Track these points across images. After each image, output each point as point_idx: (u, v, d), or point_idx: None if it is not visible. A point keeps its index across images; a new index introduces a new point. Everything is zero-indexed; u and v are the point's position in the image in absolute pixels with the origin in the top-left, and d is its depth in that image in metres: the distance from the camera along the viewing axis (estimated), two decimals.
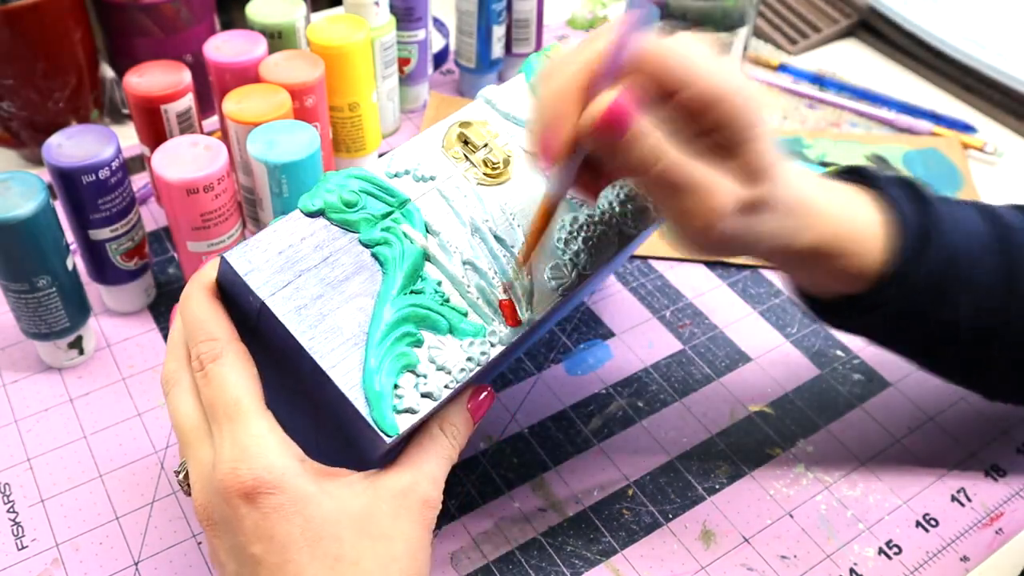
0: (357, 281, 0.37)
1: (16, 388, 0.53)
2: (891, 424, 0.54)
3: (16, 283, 0.49)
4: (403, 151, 0.41)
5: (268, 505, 0.33)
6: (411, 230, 0.38)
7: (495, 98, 0.43)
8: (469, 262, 0.39)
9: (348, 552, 0.33)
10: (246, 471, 0.33)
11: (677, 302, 0.61)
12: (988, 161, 0.76)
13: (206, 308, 0.37)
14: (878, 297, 0.42)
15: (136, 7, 0.66)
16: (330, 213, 0.37)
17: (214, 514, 0.35)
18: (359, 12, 0.66)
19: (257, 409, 0.35)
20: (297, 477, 0.34)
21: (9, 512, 0.47)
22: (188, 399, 0.36)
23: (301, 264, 0.36)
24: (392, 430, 0.35)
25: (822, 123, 0.79)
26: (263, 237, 0.36)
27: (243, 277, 0.35)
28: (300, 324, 0.35)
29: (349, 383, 0.35)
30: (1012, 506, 0.50)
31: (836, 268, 0.42)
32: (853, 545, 0.48)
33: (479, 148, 0.42)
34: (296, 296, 0.35)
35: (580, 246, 0.41)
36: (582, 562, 0.46)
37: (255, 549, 0.33)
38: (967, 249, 0.43)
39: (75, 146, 0.50)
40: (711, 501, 0.49)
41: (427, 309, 0.37)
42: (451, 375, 0.36)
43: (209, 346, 0.36)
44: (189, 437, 0.36)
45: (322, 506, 0.34)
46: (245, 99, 0.55)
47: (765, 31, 0.89)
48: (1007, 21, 0.84)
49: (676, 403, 0.54)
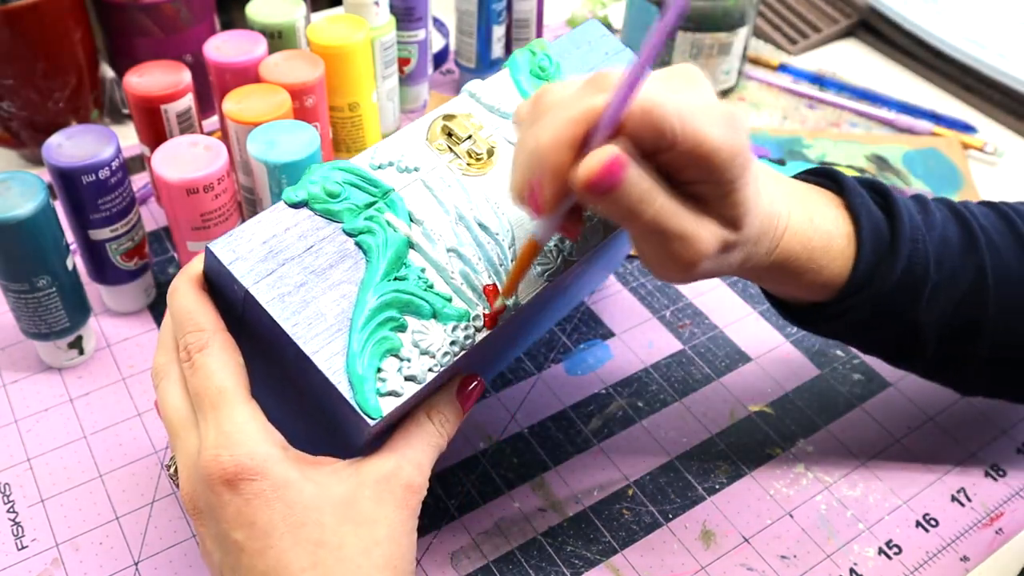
0: (341, 269, 0.37)
1: (16, 388, 0.53)
2: (891, 424, 0.54)
3: (16, 283, 0.49)
4: (387, 143, 0.41)
5: (250, 491, 0.33)
6: (394, 219, 0.38)
7: (479, 92, 0.44)
8: (453, 249, 0.39)
9: (330, 537, 0.34)
10: (228, 457, 0.33)
11: (677, 302, 0.61)
12: (988, 161, 0.76)
13: (192, 299, 0.37)
14: (842, 306, 0.43)
15: (136, 7, 0.66)
16: (313, 203, 0.38)
17: (199, 502, 0.35)
18: (359, 12, 0.66)
19: (241, 397, 0.35)
20: (279, 463, 0.34)
21: (9, 512, 0.47)
22: (176, 390, 0.37)
23: (285, 253, 0.36)
24: (375, 412, 0.35)
25: (822, 123, 0.79)
26: (247, 227, 0.37)
27: (227, 266, 0.36)
28: (283, 311, 0.35)
29: (332, 367, 0.35)
30: (1012, 506, 0.50)
31: (803, 281, 0.42)
32: (853, 545, 0.48)
33: (463, 140, 0.42)
34: (279, 284, 0.36)
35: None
36: (582, 562, 0.46)
37: (237, 535, 0.33)
38: (935, 254, 0.43)
39: (75, 146, 0.50)
40: (711, 501, 0.49)
41: (410, 294, 0.37)
42: (435, 359, 0.37)
43: (196, 336, 0.36)
44: (177, 428, 0.36)
45: (304, 492, 0.34)
46: (245, 99, 0.55)
47: (765, 31, 0.89)
48: (1007, 21, 0.84)
49: (676, 403, 0.54)
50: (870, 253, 0.42)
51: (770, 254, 0.40)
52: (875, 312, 0.43)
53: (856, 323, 0.44)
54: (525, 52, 0.45)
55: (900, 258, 0.42)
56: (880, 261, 0.42)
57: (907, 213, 0.43)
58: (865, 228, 0.42)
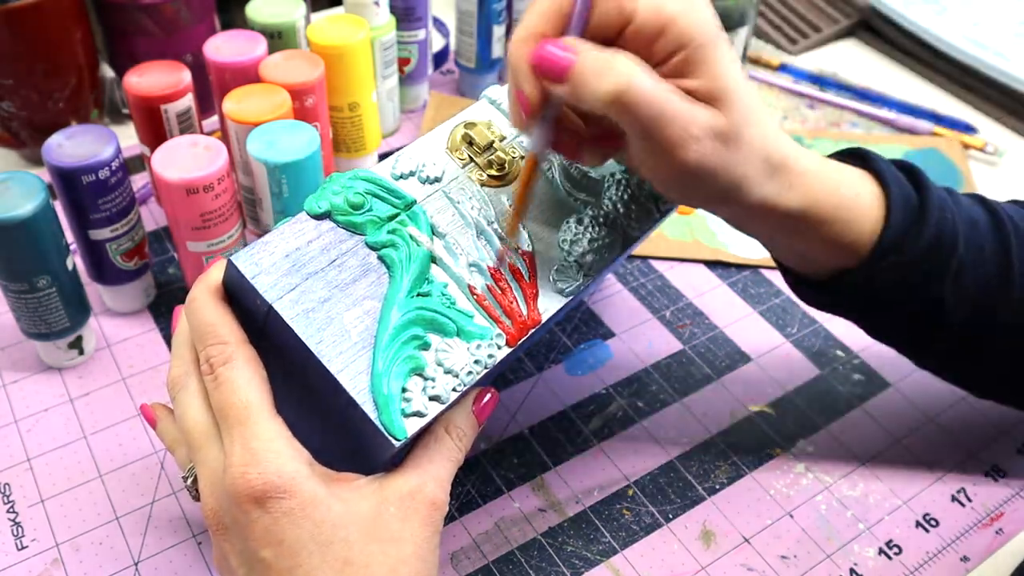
0: (364, 284, 0.37)
1: (16, 388, 0.53)
2: (891, 424, 0.54)
3: (16, 283, 0.49)
4: (408, 152, 0.41)
5: (278, 509, 0.33)
6: (417, 232, 0.38)
7: (499, 97, 0.43)
8: (475, 264, 0.39)
9: (357, 555, 0.34)
10: (256, 475, 0.33)
11: (677, 302, 0.61)
12: (988, 161, 0.76)
13: (213, 311, 0.37)
14: (868, 271, 0.41)
15: (136, 7, 0.66)
16: (336, 215, 0.37)
17: (224, 518, 0.35)
18: (359, 12, 0.65)
19: (267, 413, 0.35)
20: (307, 481, 0.34)
21: (9, 512, 0.47)
22: (196, 402, 0.37)
23: (308, 267, 0.36)
24: (401, 434, 0.35)
25: (822, 123, 0.79)
26: (270, 240, 0.36)
27: (251, 280, 0.35)
28: (308, 328, 0.35)
29: (357, 387, 0.35)
30: (1012, 506, 0.50)
31: (827, 236, 0.41)
32: (853, 545, 0.48)
33: (484, 149, 0.42)
34: (303, 299, 0.35)
35: (586, 247, 0.41)
36: (582, 562, 0.46)
37: (265, 553, 0.33)
38: (963, 230, 0.42)
39: (75, 146, 0.50)
40: (711, 501, 0.49)
41: (434, 312, 0.37)
42: (458, 378, 0.36)
43: (219, 349, 0.36)
44: (199, 441, 0.36)
45: (332, 510, 0.34)
46: (245, 99, 0.55)
47: (765, 31, 0.89)
48: (1007, 21, 0.84)
49: (676, 403, 0.54)
50: (900, 217, 0.41)
51: (792, 193, 0.39)
52: (900, 283, 0.42)
53: (880, 295, 0.43)
54: None
55: (929, 225, 0.41)
56: (910, 226, 0.41)
57: (935, 187, 0.43)
58: (895, 192, 0.41)
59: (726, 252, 0.64)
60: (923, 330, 0.44)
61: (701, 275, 0.63)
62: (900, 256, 0.41)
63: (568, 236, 0.41)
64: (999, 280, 0.43)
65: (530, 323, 0.39)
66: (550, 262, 0.41)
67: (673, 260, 0.64)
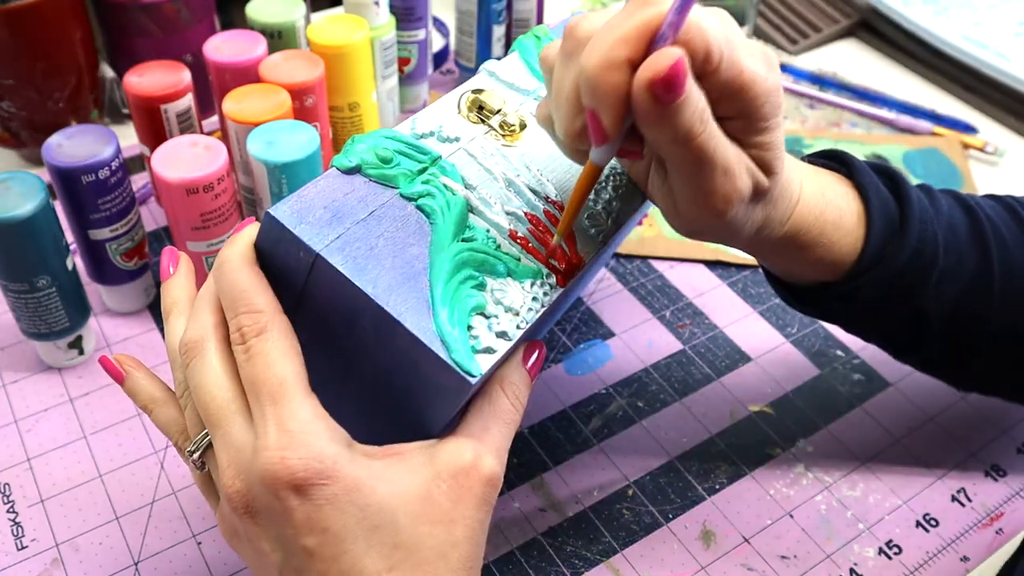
0: (407, 232, 0.36)
1: (16, 388, 0.53)
2: (891, 424, 0.54)
3: (16, 283, 0.49)
4: (425, 115, 0.41)
5: (321, 496, 0.31)
6: (451, 182, 0.38)
7: (497, 70, 0.44)
8: (511, 212, 0.38)
9: (406, 539, 0.32)
10: (296, 461, 0.31)
11: (677, 302, 0.61)
12: (988, 161, 0.76)
13: (247, 277, 0.34)
14: (851, 285, 0.42)
15: (136, 7, 0.66)
16: (367, 169, 0.37)
17: (254, 502, 0.32)
18: (359, 12, 0.66)
19: (303, 391, 0.33)
20: (348, 464, 0.32)
21: (9, 512, 0.47)
22: (217, 371, 0.34)
23: (349, 218, 0.35)
24: (476, 370, 0.33)
25: (822, 123, 0.79)
26: (305, 193, 0.35)
27: (293, 231, 0.34)
28: (361, 274, 0.33)
29: (423, 328, 0.33)
30: (1012, 506, 0.50)
31: (813, 257, 0.41)
32: (853, 545, 0.48)
33: (494, 113, 0.42)
34: (349, 249, 0.34)
35: (611, 194, 0.41)
36: (582, 562, 0.46)
37: (307, 541, 0.32)
38: (943, 239, 0.43)
39: (75, 146, 0.50)
40: (711, 501, 0.49)
41: (484, 253, 0.36)
42: (520, 315, 0.36)
43: (253, 319, 0.33)
44: (219, 415, 0.33)
45: (376, 491, 0.32)
46: (245, 99, 0.55)
47: (765, 31, 0.89)
48: (1007, 21, 0.84)
49: (676, 403, 0.54)
50: (880, 232, 0.41)
51: (783, 223, 0.39)
52: (883, 295, 0.42)
53: (862, 306, 0.43)
54: (530, 37, 0.46)
55: (910, 239, 0.41)
56: (890, 241, 0.42)
57: (916, 197, 0.43)
58: (875, 207, 0.42)
59: (726, 252, 0.64)
60: (906, 336, 0.45)
61: (701, 275, 0.63)
62: (881, 271, 0.42)
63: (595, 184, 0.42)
64: (980, 285, 0.43)
65: (576, 261, 0.38)
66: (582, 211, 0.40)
67: (673, 260, 0.64)
